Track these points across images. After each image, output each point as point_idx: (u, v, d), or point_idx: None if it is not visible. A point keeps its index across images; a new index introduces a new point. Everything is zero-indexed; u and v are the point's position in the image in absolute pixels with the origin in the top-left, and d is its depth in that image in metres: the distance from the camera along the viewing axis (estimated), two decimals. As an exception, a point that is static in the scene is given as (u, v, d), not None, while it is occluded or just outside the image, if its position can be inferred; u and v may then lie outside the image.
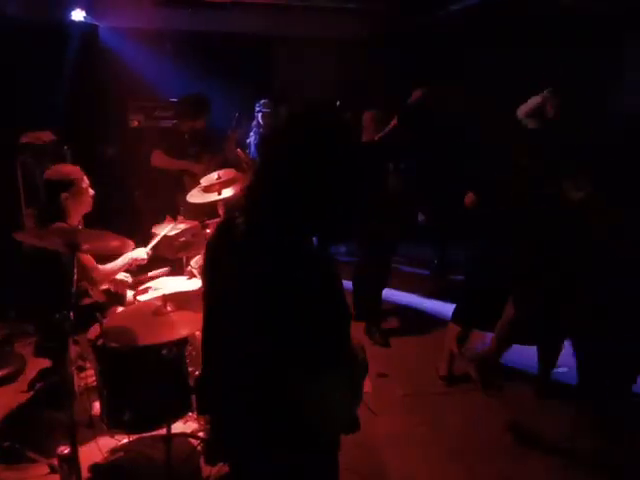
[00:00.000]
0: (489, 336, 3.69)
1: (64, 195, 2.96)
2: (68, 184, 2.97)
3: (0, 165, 4.27)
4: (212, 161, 4.47)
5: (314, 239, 1.34)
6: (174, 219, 3.58)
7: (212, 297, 1.45)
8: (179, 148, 4.73)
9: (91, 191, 3.10)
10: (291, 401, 1.27)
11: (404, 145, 4.17)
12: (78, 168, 3.06)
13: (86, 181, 3.07)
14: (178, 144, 4.74)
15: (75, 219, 3.05)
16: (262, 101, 5.20)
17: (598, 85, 5.65)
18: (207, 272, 1.50)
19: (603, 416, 3.08)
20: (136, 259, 3.16)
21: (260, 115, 5.19)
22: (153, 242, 3.30)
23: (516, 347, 3.65)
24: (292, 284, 1.23)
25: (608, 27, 5.34)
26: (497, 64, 5.70)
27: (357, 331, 4.34)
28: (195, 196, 3.61)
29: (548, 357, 3.44)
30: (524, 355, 3.64)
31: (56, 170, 3.01)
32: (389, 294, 4.83)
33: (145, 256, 3.21)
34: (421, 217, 5.26)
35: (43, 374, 3.45)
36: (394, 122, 4.03)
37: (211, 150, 4.87)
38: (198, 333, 2.76)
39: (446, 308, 4.65)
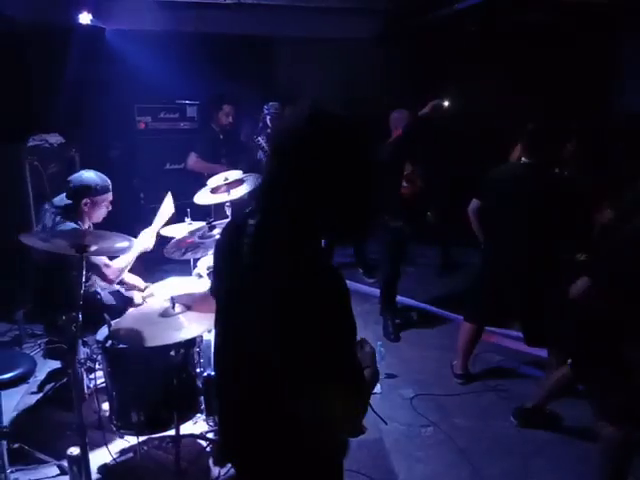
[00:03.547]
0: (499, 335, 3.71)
1: (85, 200, 2.99)
2: (93, 192, 3.01)
3: (9, 167, 4.29)
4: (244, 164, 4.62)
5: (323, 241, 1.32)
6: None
7: (222, 298, 1.43)
8: (213, 149, 5.02)
9: (110, 207, 3.14)
10: (293, 407, 1.26)
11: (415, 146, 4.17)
12: (109, 181, 3.10)
13: (110, 196, 3.11)
14: (212, 145, 5.02)
15: (86, 224, 3.08)
16: (270, 103, 5.21)
17: (598, 85, 5.64)
18: (216, 274, 1.49)
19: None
20: (144, 246, 3.18)
21: (269, 118, 5.20)
22: (156, 222, 3.29)
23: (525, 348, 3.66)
24: (302, 291, 1.20)
25: (607, 27, 5.32)
26: (497, 64, 5.69)
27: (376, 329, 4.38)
28: (203, 197, 3.62)
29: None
30: (534, 354, 3.64)
31: (87, 175, 3.04)
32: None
33: (152, 240, 3.23)
34: (430, 217, 5.25)
35: (53, 376, 3.48)
36: (399, 132, 4.04)
37: (241, 150, 5.07)
38: (205, 334, 2.77)
39: (452, 308, 4.66)
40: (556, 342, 3.21)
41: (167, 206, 3.32)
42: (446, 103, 3.85)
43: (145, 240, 3.17)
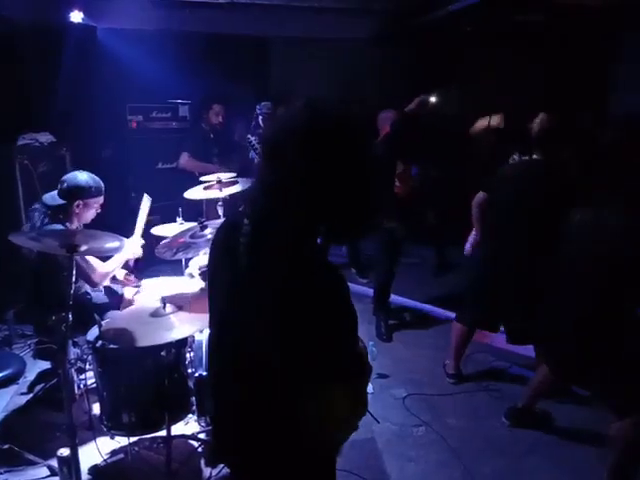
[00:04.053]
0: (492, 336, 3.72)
1: (78, 202, 2.97)
2: (87, 194, 2.99)
3: (-2, 166, 4.26)
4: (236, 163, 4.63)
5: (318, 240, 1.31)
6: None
7: (216, 298, 1.42)
8: (204, 148, 5.06)
9: (99, 209, 3.12)
10: (293, 407, 1.25)
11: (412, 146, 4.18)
12: (102, 183, 3.08)
13: (102, 199, 3.10)
14: (203, 144, 5.06)
15: (75, 225, 3.06)
16: (263, 103, 5.22)
17: (596, 85, 5.66)
18: (211, 273, 1.48)
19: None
20: (132, 252, 3.18)
21: (261, 118, 5.20)
22: (138, 228, 3.28)
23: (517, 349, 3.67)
24: (302, 291, 1.19)
25: (606, 26, 5.34)
26: (496, 64, 5.71)
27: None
28: (194, 192, 3.61)
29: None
30: (525, 353, 3.65)
31: (81, 176, 3.01)
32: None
33: (140, 249, 3.23)
34: (430, 216, 5.27)
35: (43, 376, 3.45)
36: (386, 130, 4.04)
37: (233, 149, 5.12)
38: (197, 334, 2.76)
39: (446, 308, 4.67)
40: (551, 342, 3.21)
41: (144, 208, 3.32)
42: (433, 99, 3.86)
43: (132, 248, 3.18)
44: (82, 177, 3.01)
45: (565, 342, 2.70)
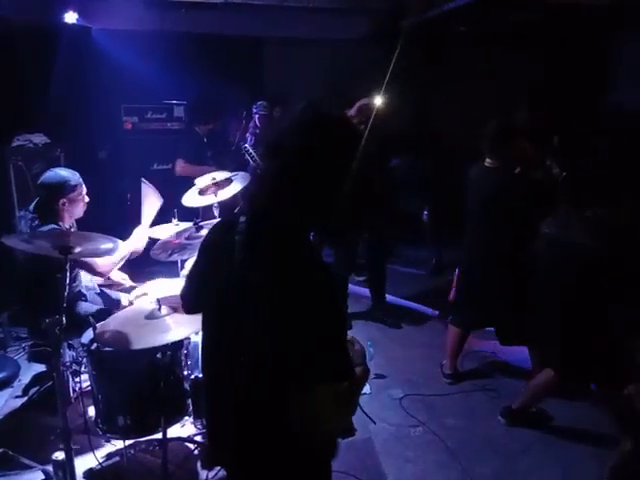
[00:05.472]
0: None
1: (62, 200, 2.94)
2: (68, 189, 2.95)
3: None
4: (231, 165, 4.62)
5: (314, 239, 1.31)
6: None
7: (212, 298, 1.41)
8: (199, 152, 5.04)
9: (87, 198, 3.08)
10: (286, 408, 1.24)
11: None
12: (77, 174, 3.03)
13: (84, 188, 3.05)
14: (198, 148, 5.05)
15: (67, 223, 3.03)
16: (259, 103, 5.21)
17: (595, 84, 5.67)
18: (202, 273, 1.47)
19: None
20: (138, 243, 3.14)
21: (257, 117, 5.20)
22: (144, 217, 3.21)
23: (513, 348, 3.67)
24: (297, 291, 1.19)
25: (606, 26, 5.35)
26: (493, 64, 5.71)
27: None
28: (191, 199, 3.59)
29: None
30: (521, 354, 3.64)
31: (56, 174, 2.97)
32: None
33: (144, 240, 3.17)
34: (425, 215, 5.25)
35: (38, 379, 3.43)
36: None
37: (226, 152, 5.12)
38: (193, 336, 2.75)
39: (443, 309, 4.66)
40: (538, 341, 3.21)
41: (149, 196, 3.24)
42: (378, 101, 3.83)
43: (139, 238, 3.13)
44: (58, 174, 2.96)
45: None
